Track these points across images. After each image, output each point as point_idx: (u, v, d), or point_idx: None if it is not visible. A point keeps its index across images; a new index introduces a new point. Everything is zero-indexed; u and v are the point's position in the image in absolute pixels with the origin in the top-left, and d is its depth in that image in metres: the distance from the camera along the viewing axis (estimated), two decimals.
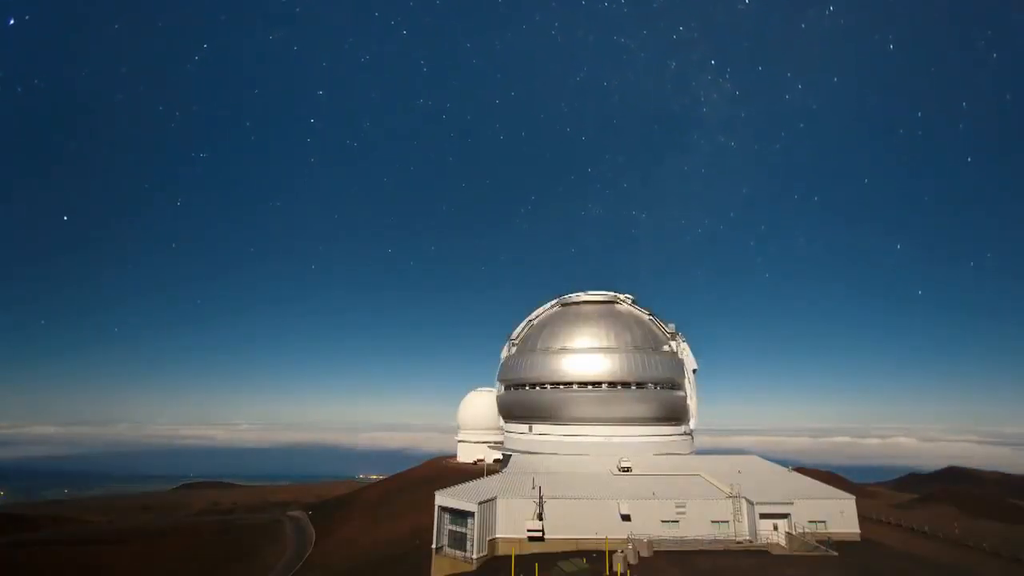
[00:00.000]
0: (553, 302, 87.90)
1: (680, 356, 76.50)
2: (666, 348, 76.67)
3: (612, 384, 71.31)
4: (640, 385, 71.59)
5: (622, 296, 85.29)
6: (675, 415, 74.44)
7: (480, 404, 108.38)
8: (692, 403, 75.50)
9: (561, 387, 72.96)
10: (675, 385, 74.16)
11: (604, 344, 74.13)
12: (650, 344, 75.64)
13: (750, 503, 46.40)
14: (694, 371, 76.91)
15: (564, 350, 75.16)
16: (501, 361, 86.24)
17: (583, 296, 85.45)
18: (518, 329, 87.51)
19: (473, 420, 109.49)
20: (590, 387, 71.82)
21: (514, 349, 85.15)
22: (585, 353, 73.77)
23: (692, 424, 75.79)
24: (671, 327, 79.39)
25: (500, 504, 45.49)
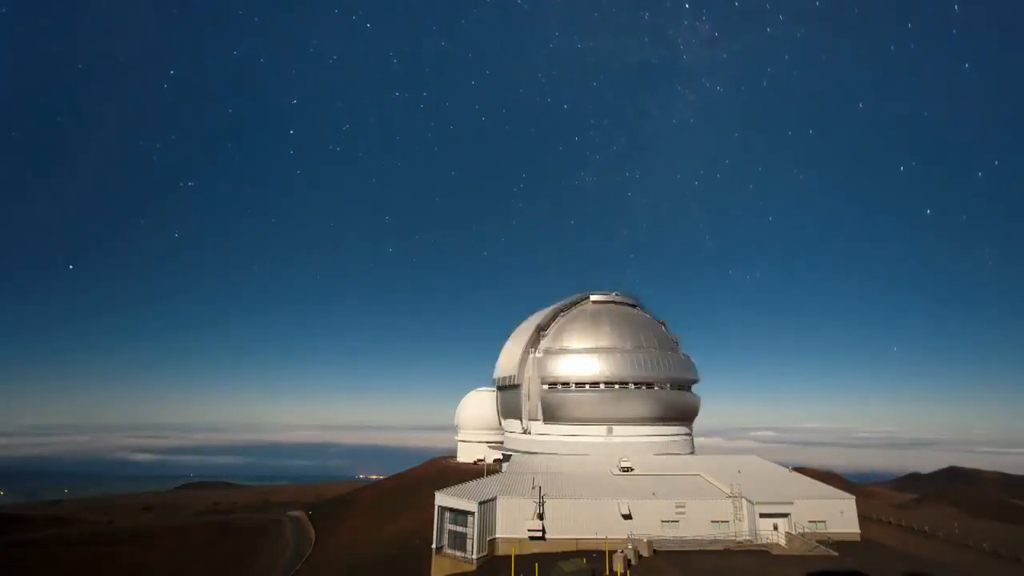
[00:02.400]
0: (555, 304, 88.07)
1: (686, 367, 76.38)
2: (667, 348, 76.72)
3: (610, 384, 71.28)
4: (637, 385, 71.59)
5: (626, 297, 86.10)
6: (674, 415, 74.40)
7: (480, 404, 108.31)
8: (689, 406, 74.89)
9: (559, 387, 72.94)
10: (674, 385, 74.16)
11: (602, 344, 74.14)
12: (651, 344, 75.64)
13: (750, 503, 46.45)
14: (686, 384, 76.54)
15: (562, 351, 75.19)
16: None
17: (584, 297, 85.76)
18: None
19: (473, 420, 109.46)
20: (588, 387, 71.80)
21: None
22: (583, 354, 73.76)
23: (683, 425, 75.28)
24: (675, 336, 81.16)
25: (500, 504, 45.52)
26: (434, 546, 44.54)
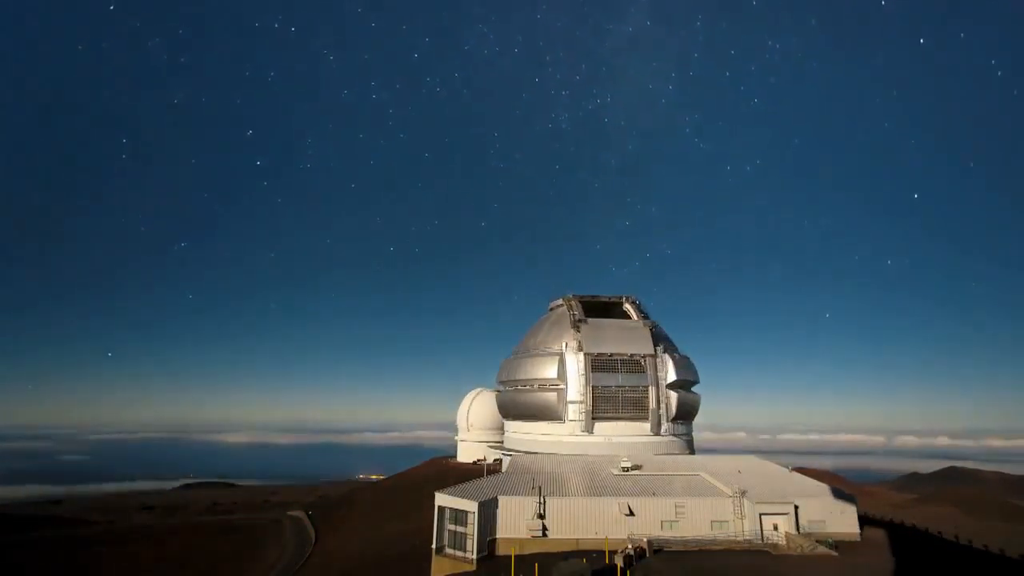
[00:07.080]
0: (554, 304, 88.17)
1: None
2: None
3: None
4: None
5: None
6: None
7: (480, 404, 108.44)
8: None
9: (558, 387, 72.86)
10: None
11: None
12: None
13: (751, 502, 46.42)
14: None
15: (561, 351, 75.04)
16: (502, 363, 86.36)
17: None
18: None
19: (473, 420, 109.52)
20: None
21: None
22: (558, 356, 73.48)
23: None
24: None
25: (500, 504, 45.47)
26: (434, 546, 44.47)
